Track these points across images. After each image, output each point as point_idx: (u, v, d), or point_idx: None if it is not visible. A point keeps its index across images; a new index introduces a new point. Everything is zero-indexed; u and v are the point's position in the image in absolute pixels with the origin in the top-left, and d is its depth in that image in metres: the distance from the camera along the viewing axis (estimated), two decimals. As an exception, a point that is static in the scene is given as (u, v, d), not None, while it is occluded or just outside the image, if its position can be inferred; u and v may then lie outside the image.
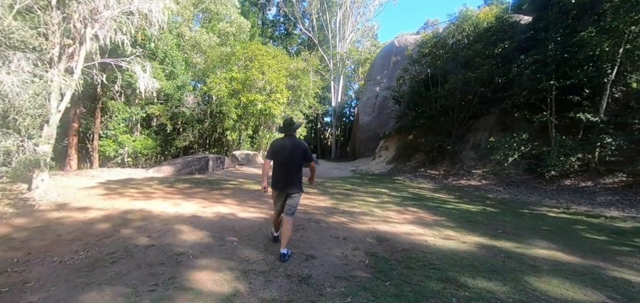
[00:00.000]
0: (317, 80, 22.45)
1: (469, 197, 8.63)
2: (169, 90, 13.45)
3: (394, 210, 6.15)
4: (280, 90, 16.93)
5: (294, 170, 3.36)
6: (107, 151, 12.57)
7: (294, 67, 18.95)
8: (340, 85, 30.60)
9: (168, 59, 13.76)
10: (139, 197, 6.32)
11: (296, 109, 20.33)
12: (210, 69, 18.38)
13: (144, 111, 13.38)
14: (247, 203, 6.10)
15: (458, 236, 4.54)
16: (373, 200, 7.16)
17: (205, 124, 19.52)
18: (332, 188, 8.84)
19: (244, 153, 16.26)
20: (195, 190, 7.38)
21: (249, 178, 10.10)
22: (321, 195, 7.52)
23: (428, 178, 12.01)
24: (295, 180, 3.36)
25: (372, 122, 21.64)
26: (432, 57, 13.11)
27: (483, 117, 13.64)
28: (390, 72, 22.29)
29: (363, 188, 9.17)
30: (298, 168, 3.41)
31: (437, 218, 5.73)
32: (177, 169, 11.09)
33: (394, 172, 13.71)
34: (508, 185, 10.39)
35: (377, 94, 22.16)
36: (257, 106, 16.53)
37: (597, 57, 9.30)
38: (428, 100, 13.24)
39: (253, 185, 8.61)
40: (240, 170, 12.81)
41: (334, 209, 5.95)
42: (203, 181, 8.96)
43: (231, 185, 8.29)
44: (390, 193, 8.41)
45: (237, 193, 7.22)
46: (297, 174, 3.40)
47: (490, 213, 6.52)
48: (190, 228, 4.18)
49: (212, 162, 12.25)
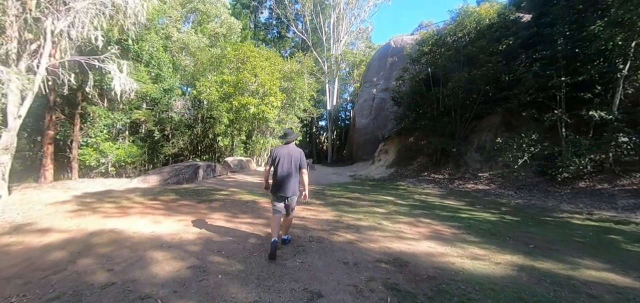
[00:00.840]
0: (312, 82, 21.80)
1: (481, 204, 7.99)
2: (155, 94, 12.64)
3: (404, 223, 5.45)
4: (273, 93, 16.22)
5: (291, 175, 3.69)
6: (88, 160, 11.67)
7: (288, 69, 18.28)
8: (336, 88, 30.01)
9: (154, 61, 12.97)
10: (113, 213, 5.53)
11: (291, 112, 19.65)
12: (200, 72, 17.59)
13: (128, 117, 12.52)
14: (238, 218, 5.34)
15: (487, 255, 3.86)
16: (380, 211, 6.46)
17: (196, 129, 18.70)
18: (333, 197, 8.12)
19: (237, 159, 15.47)
20: (181, 203, 6.59)
21: (241, 187, 9.33)
22: (322, 206, 6.80)
23: (433, 183, 11.37)
24: (292, 184, 3.70)
25: (370, 124, 21.03)
26: (432, 55, 12.56)
27: (487, 117, 13.10)
28: (387, 73, 21.77)
29: (366, 196, 8.47)
30: (295, 174, 3.73)
31: (455, 231, 5.04)
32: (164, 179, 10.28)
33: (395, 176, 13.06)
34: (519, 188, 9.81)
35: (374, 95, 21.60)
36: (249, 110, 15.78)
37: (610, 51, 8.82)
38: (429, 100, 12.66)
39: (246, 195, 7.85)
40: (233, 178, 12.02)
41: (337, 223, 5.23)
42: (191, 192, 8.17)
43: (221, 196, 7.52)
44: (396, 202, 7.72)
45: (227, 205, 6.46)
46: (294, 179, 3.73)
47: (511, 223, 5.87)
48: (167, 255, 3.42)
49: (203, 170, 11.44)
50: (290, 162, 3.70)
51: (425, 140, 13.38)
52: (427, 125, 12.21)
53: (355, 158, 22.52)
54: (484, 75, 10.35)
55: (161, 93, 13.18)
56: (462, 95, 11.43)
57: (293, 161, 3.70)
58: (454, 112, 12.13)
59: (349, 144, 24.86)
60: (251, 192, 8.43)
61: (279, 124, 18.79)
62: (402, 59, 21.49)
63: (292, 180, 3.68)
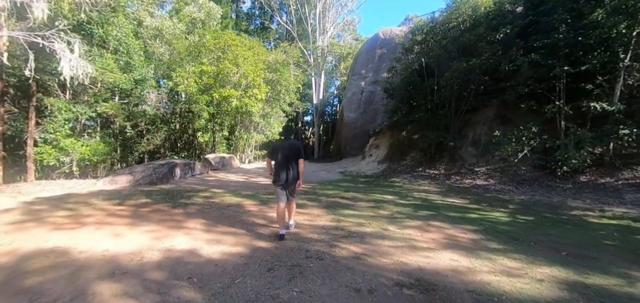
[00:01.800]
0: (298, 74, 20.86)
1: (485, 201, 7.48)
2: (125, 84, 11.39)
3: (413, 227, 4.78)
4: (257, 84, 15.22)
5: (291, 166, 4.08)
6: (46, 160, 10.34)
7: (273, 59, 17.27)
8: (322, 82, 29.18)
9: (123, 48, 11.69)
10: (64, 225, 4.57)
11: (276, 106, 18.69)
12: (177, 62, 16.29)
13: (94, 110, 11.22)
14: (218, 228, 4.49)
15: (522, 268, 3.23)
16: (381, 213, 5.77)
17: (174, 124, 17.41)
18: (326, 197, 7.37)
19: (219, 156, 14.43)
20: (152, 209, 5.65)
21: (224, 188, 8.42)
22: (316, 208, 6.03)
23: (428, 179, 10.85)
24: (293, 174, 4.09)
25: (358, 118, 20.39)
26: (426, 45, 12.00)
27: (481, 110, 12.72)
28: (376, 65, 21.17)
29: (362, 195, 7.78)
30: (295, 164, 4.11)
31: (472, 236, 4.42)
32: (136, 179, 9.22)
33: (388, 172, 12.47)
34: (519, 184, 9.42)
35: (363, 88, 20.95)
36: (232, 103, 14.73)
37: (612, 40, 8.50)
38: (423, 92, 12.12)
39: (229, 196, 6.96)
40: (214, 177, 11.04)
41: (337, 230, 4.48)
42: (165, 194, 7.21)
43: (200, 199, 6.60)
44: (396, 201, 7.07)
45: (206, 211, 5.57)
46: (295, 169, 4.12)
47: (527, 224, 5.33)
48: (117, 288, 2.56)
49: (180, 169, 10.41)
50: (290, 153, 4.13)
51: (418, 134, 12.86)
52: (421, 119, 11.65)
53: (343, 153, 21.86)
54: (483, 65, 9.86)
55: (132, 84, 11.93)
56: (458, 86, 10.93)
57: (292, 152, 4.14)
58: (449, 104, 11.65)
59: (337, 138, 24.17)
60: (235, 192, 7.55)
61: (263, 118, 17.81)
62: (391, 51, 20.96)
63: (292, 169, 4.10)
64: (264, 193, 7.55)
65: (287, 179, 4.05)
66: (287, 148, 4.16)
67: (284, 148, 4.17)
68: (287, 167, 4.07)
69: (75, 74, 5.17)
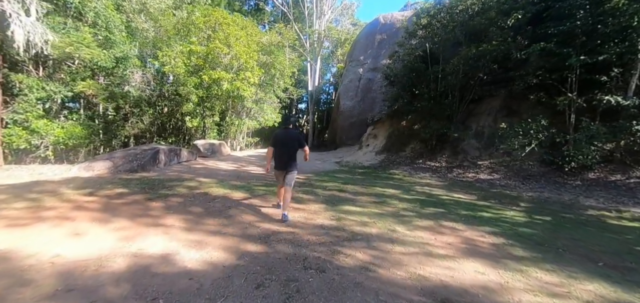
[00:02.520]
0: (294, 58, 19.99)
1: (494, 198, 7.01)
2: (103, 61, 10.50)
3: (423, 228, 4.26)
4: (250, 67, 14.41)
5: (290, 154, 4.42)
6: (16, 142, 9.49)
7: (267, 41, 16.39)
8: (318, 68, 28.31)
9: (101, 22, 10.74)
10: (19, 219, 3.93)
11: (270, 90, 17.89)
12: (164, 41, 15.30)
13: (69, 89, 10.33)
14: (202, 225, 3.90)
15: (561, 283, 2.74)
16: (386, 209, 5.24)
17: (163, 108, 16.51)
18: (323, 189, 6.82)
19: (208, 143, 13.70)
20: (127, 200, 5.01)
21: (212, 177, 7.78)
22: (313, 202, 5.47)
23: (430, 172, 10.38)
24: (292, 161, 4.42)
25: (355, 107, 19.75)
26: (431, 29, 11.34)
27: (486, 101, 12.23)
28: (375, 51, 20.44)
29: (362, 188, 7.24)
30: (294, 152, 4.45)
31: (493, 239, 3.92)
32: (115, 165, 8.53)
33: (387, 164, 11.97)
34: (525, 179, 9.01)
35: (361, 75, 20.25)
36: (222, 86, 13.92)
37: (633, 28, 8.00)
38: (427, 79, 11.54)
39: (216, 187, 6.34)
40: (203, 165, 10.37)
41: (338, 231, 3.93)
42: (146, 182, 6.56)
43: (184, 189, 5.97)
44: (400, 196, 6.55)
45: (190, 203, 4.95)
46: (293, 156, 4.45)
47: (546, 226, 4.87)
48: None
49: (164, 155, 9.70)
50: (289, 142, 4.44)
51: (419, 124, 12.34)
52: (424, 108, 11.09)
53: (339, 143, 21.29)
54: (494, 51, 9.27)
55: (112, 61, 11.02)
56: (464, 74, 10.37)
57: (292, 141, 4.45)
58: (453, 93, 11.11)
59: (332, 127, 23.55)
60: (223, 183, 6.92)
61: (256, 104, 17.03)
62: (391, 37, 20.24)
63: (289, 157, 4.39)
64: (256, 184, 6.95)
65: (285, 166, 4.39)
66: (286, 137, 4.49)
67: (283, 137, 4.49)
68: (286, 155, 4.41)
69: (32, 40, 4.42)
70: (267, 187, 6.73)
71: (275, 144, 4.48)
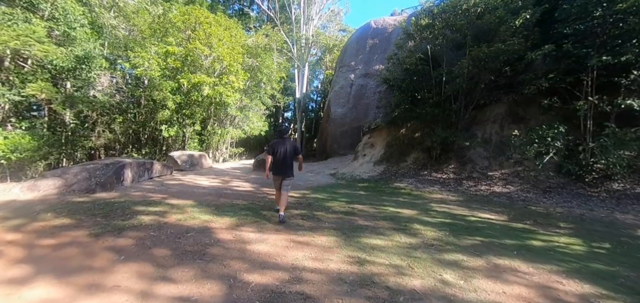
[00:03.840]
0: (282, 61, 18.82)
1: (526, 217, 6.03)
2: (60, 60, 8.94)
3: (477, 271, 3.15)
4: (234, 70, 13.13)
5: (287, 161, 4.87)
6: (-56, 156, 7.75)
7: (253, 43, 15.17)
8: (306, 74, 27.29)
9: (59, 14, 9.21)
10: None
11: (255, 97, 16.58)
12: (138, 41, 13.78)
13: (16, 93, 8.67)
14: (167, 285, 2.60)
15: None
16: (414, 242, 4.10)
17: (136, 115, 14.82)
18: (326, 211, 5.62)
19: (186, 154, 12.22)
20: (61, 240, 3.64)
21: (187, 197, 6.41)
22: (319, 231, 4.25)
23: (438, 185, 9.39)
24: (288, 168, 4.87)
25: (347, 114, 18.76)
26: (433, 29, 10.52)
27: (489, 107, 11.50)
28: (367, 57, 19.64)
29: (371, 208, 6.10)
30: (290, 160, 4.92)
31: (576, 287, 2.87)
32: (67, 184, 7.04)
33: (388, 176, 10.91)
34: (546, 192, 8.17)
35: (352, 82, 19.34)
36: (203, 91, 12.54)
37: (656, 26, 7.40)
38: (429, 84, 10.66)
39: (192, 211, 5.00)
40: (179, 181, 8.94)
41: (368, 288, 2.73)
42: (100, 208, 5.15)
43: (148, 218, 4.60)
44: (420, 218, 5.43)
45: (152, 242, 3.62)
46: (290, 163, 4.92)
47: (618, 257, 3.87)
48: None
49: (131, 170, 8.22)
50: (286, 150, 4.88)
51: (422, 131, 11.42)
52: (427, 114, 10.16)
53: (329, 152, 20.17)
54: (507, 51, 8.48)
55: (71, 61, 9.45)
56: (471, 77, 9.55)
57: (288, 150, 4.90)
58: (457, 99, 10.27)
59: (321, 136, 22.44)
60: (202, 205, 5.58)
61: (241, 111, 15.68)
62: (383, 42, 19.54)
63: (287, 164, 4.87)
64: (244, 206, 5.64)
65: (282, 172, 4.81)
66: (283, 145, 4.87)
67: (281, 145, 4.87)
68: (283, 162, 4.82)
69: None
70: (259, 209, 5.45)
71: (273, 152, 4.89)
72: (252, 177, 10.61)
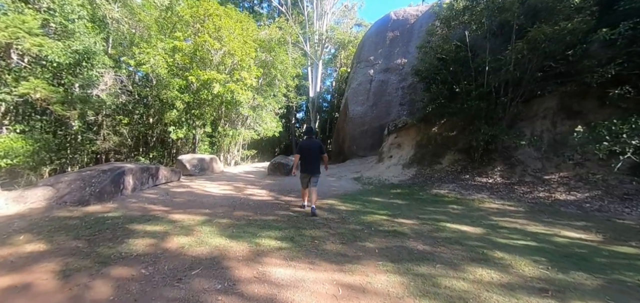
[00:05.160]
0: (297, 56, 17.76)
1: (625, 235, 4.73)
2: (57, 55, 8.13)
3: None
4: (246, 66, 12.14)
5: (314, 160, 5.41)
6: None
7: (266, 35, 14.17)
8: (319, 72, 26.24)
9: (55, 5, 8.41)
10: None
11: (269, 95, 15.57)
12: (144, 38, 13.00)
13: (7, 91, 7.89)
14: None
15: None
16: (508, 281, 2.92)
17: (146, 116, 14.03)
18: (365, 229, 4.47)
19: (196, 158, 11.29)
20: (16, 281, 2.62)
21: (196, 209, 5.38)
22: (366, 263, 3.11)
23: (486, 191, 8.10)
24: (316, 166, 5.41)
25: (367, 112, 17.55)
26: (472, 12, 9.23)
27: (536, 101, 10.12)
28: (387, 50, 18.41)
29: (421, 223, 4.92)
30: (317, 158, 5.45)
31: None
32: (58, 194, 6.21)
33: (422, 180, 9.67)
34: (623, 199, 6.80)
35: (372, 77, 18.13)
36: (213, 89, 11.60)
37: None
38: (468, 75, 9.38)
39: (200, 231, 3.95)
40: (187, 188, 7.98)
41: None
42: (86, 227, 4.17)
43: (144, 242, 3.57)
44: (493, 240, 4.21)
45: (141, 284, 2.56)
46: (317, 162, 5.46)
47: None
48: None
49: (133, 177, 7.28)
50: (312, 150, 5.42)
51: (456, 129, 10.15)
52: (469, 108, 8.88)
53: (347, 154, 19.01)
54: (573, 32, 7.14)
55: (69, 57, 8.64)
56: (523, 65, 8.23)
57: (315, 150, 5.43)
58: (504, 91, 8.97)
59: (338, 136, 21.28)
60: (212, 223, 4.52)
61: (254, 110, 14.69)
62: (405, 34, 18.26)
63: (314, 163, 5.40)
64: (264, 223, 4.54)
65: (310, 171, 5.36)
66: (311, 145, 5.46)
67: (308, 145, 5.47)
68: (310, 160, 5.39)
69: None
70: (283, 225, 4.34)
71: (301, 151, 5.44)
72: (268, 182, 9.57)
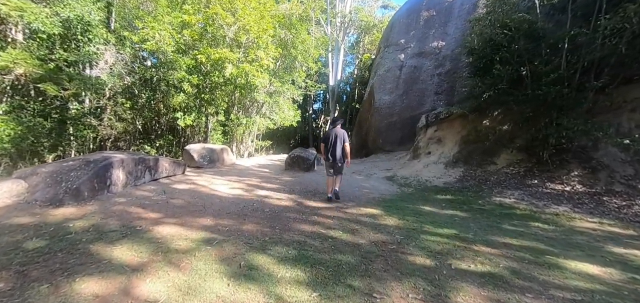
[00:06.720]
0: (320, 36, 16.19)
1: None
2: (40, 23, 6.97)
3: None
4: (263, 44, 10.73)
5: (338, 148, 5.81)
6: None
7: (287, 11, 12.68)
8: (340, 59, 24.58)
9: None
10: None
11: (287, 80, 14.14)
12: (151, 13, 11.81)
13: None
14: None
15: None
16: None
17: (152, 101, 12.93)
18: (433, 261, 3.01)
19: (206, 148, 10.07)
20: None
21: (195, 217, 4.07)
22: None
23: (566, 201, 6.40)
24: (340, 155, 5.82)
25: (396, 102, 15.82)
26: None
27: (619, 89, 8.18)
28: (421, 32, 16.52)
29: (508, 252, 3.40)
30: (340, 147, 5.82)
31: None
32: (30, 189, 5.19)
33: (472, 184, 8.03)
34: None
35: (402, 63, 16.34)
36: (225, 69, 10.28)
37: None
38: (539, 53, 7.58)
39: (198, 272, 2.59)
40: (191, 183, 6.72)
41: None
42: (35, 244, 2.90)
43: (99, 286, 2.23)
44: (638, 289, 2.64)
45: None
46: (340, 150, 5.82)
47: None
48: None
49: (123, 170, 6.06)
50: (337, 138, 5.83)
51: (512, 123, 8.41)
52: (545, 95, 7.10)
53: (371, 148, 17.45)
54: None
55: (57, 26, 7.50)
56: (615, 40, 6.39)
57: (339, 138, 5.84)
58: (591, 73, 7.15)
59: (360, 129, 19.66)
60: (214, 241, 3.15)
61: (270, 96, 13.32)
62: (442, 13, 16.30)
63: (339, 151, 5.81)
64: (286, 254, 3.13)
65: (334, 159, 5.78)
66: (336, 134, 5.87)
67: (334, 134, 5.88)
68: (334, 149, 5.79)
69: None
70: (312, 252, 2.91)
71: (326, 140, 5.97)
72: (286, 179, 8.19)
